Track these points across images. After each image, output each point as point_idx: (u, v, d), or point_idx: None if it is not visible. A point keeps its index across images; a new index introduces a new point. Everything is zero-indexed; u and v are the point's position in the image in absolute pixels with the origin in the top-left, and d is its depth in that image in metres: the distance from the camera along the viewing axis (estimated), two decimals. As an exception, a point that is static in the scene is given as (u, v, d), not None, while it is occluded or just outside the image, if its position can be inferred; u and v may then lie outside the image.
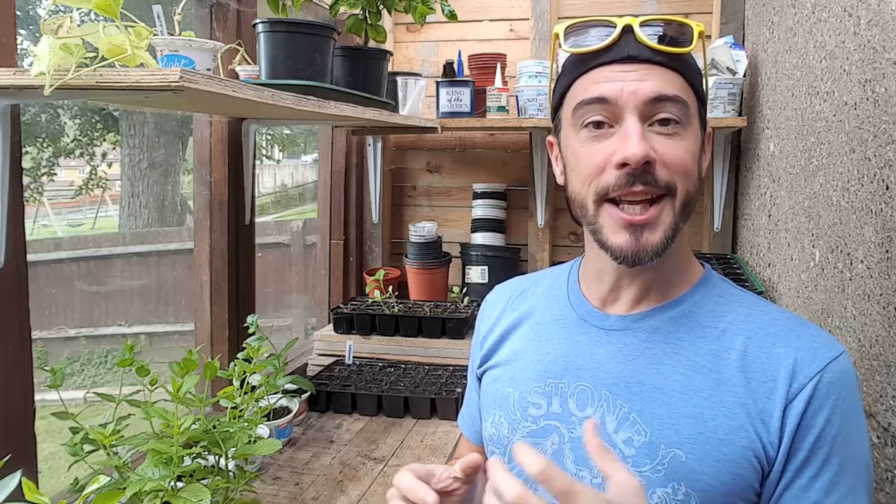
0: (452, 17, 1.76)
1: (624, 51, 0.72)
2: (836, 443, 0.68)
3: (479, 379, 0.94)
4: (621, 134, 0.70)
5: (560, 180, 0.81)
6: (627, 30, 0.72)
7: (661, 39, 0.72)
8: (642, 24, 0.72)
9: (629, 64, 0.71)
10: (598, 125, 0.72)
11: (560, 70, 0.80)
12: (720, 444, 0.69)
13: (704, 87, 0.77)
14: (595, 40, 0.74)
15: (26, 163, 8.15)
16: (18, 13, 1.14)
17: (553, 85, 0.82)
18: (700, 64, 0.78)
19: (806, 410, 0.68)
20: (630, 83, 0.70)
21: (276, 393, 1.40)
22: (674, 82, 0.72)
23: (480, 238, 2.41)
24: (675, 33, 0.73)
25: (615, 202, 0.72)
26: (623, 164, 0.69)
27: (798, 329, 0.73)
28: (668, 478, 0.70)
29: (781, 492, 0.69)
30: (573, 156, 0.75)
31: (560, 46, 0.76)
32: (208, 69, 1.19)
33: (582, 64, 0.75)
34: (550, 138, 0.83)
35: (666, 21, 0.73)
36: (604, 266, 0.79)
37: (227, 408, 1.19)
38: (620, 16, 0.74)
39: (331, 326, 2.14)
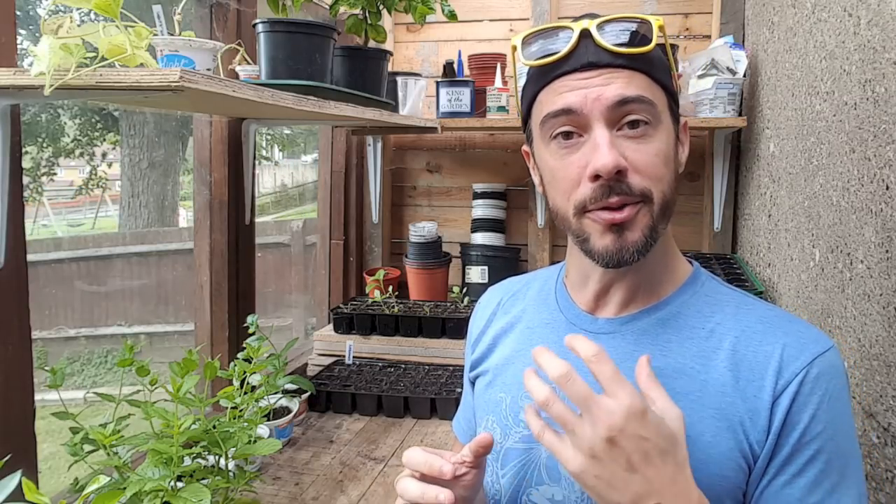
0: (452, 17, 1.76)
1: (583, 58, 0.70)
2: (821, 439, 0.67)
3: (473, 383, 0.93)
4: (591, 144, 0.69)
5: (540, 189, 0.80)
6: (585, 34, 0.71)
7: (620, 41, 0.71)
8: (600, 27, 0.71)
9: (590, 70, 0.70)
10: (567, 136, 0.71)
11: (525, 80, 0.79)
12: (707, 447, 0.68)
13: (673, 80, 0.76)
14: (552, 45, 0.72)
15: (26, 163, 8.15)
16: (18, 13, 1.14)
17: (519, 95, 0.81)
18: (670, 57, 0.76)
19: (791, 406, 0.67)
20: (593, 90, 0.69)
21: (276, 393, 1.40)
22: (638, 83, 0.70)
23: (480, 238, 2.41)
24: (635, 32, 0.72)
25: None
26: (596, 177, 0.68)
27: (786, 325, 0.72)
28: None
29: (763, 489, 0.68)
30: (548, 170, 0.75)
31: (519, 59, 0.75)
32: (208, 69, 1.19)
33: (543, 75, 0.74)
34: (525, 148, 0.82)
35: (623, 20, 0.72)
36: (588, 271, 0.79)
37: (227, 408, 1.19)
38: (577, 19, 0.73)
39: (331, 326, 2.14)
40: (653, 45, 0.71)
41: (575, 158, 0.71)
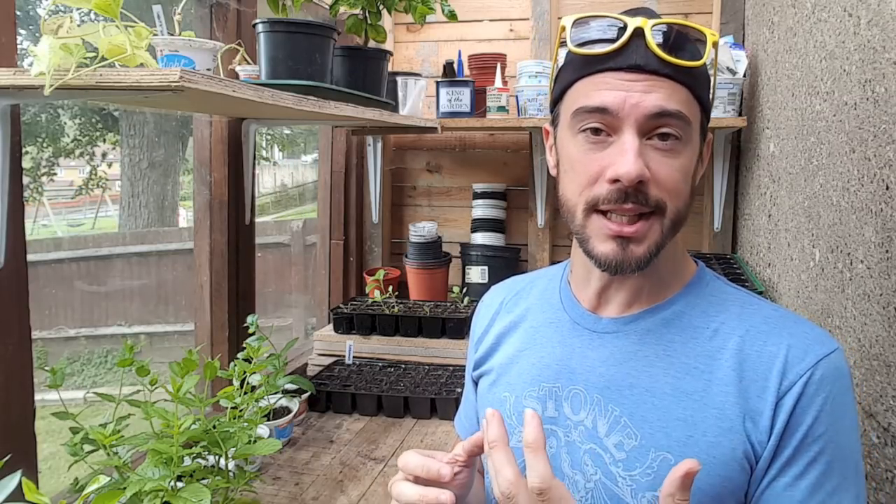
0: (452, 17, 1.76)
1: (631, 58, 0.68)
2: (824, 440, 0.67)
3: (476, 382, 0.93)
4: (618, 148, 0.68)
5: (553, 172, 0.79)
6: (638, 33, 0.68)
7: (672, 49, 0.69)
8: (654, 28, 0.68)
9: (634, 73, 0.68)
10: (595, 132, 0.70)
11: (563, 61, 0.77)
12: (710, 447, 0.68)
13: (711, 94, 0.75)
14: (602, 36, 0.70)
15: (26, 163, 8.15)
16: (18, 13, 1.14)
17: (555, 75, 0.79)
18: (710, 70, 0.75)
19: (795, 407, 0.67)
20: (634, 94, 0.68)
21: (276, 393, 1.40)
22: (678, 97, 0.69)
23: (480, 238, 2.41)
24: (688, 43, 0.70)
25: (604, 213, 0.71)
26: (616, 181, 0.68)
27: (791, 326, 0.72)
28: (657, 481, 0.69)
29: (764, 489, 0.68)
30: (568, 160, 0.74)
31: (565, 42, 0.73)
32: (208, 69, 1.19)
33: (586, 65, 0.72)
34: (547, 126, 0.81)
35: (680, 27, 0.70)
36: (592, 270, 0.78)
37: (227, 408, 1.19)
38: (634, 14, 0.70)
39: (331, 326, 2.14)
40: (703, 61, 0.70)
41: (598, 156, 0.70)
